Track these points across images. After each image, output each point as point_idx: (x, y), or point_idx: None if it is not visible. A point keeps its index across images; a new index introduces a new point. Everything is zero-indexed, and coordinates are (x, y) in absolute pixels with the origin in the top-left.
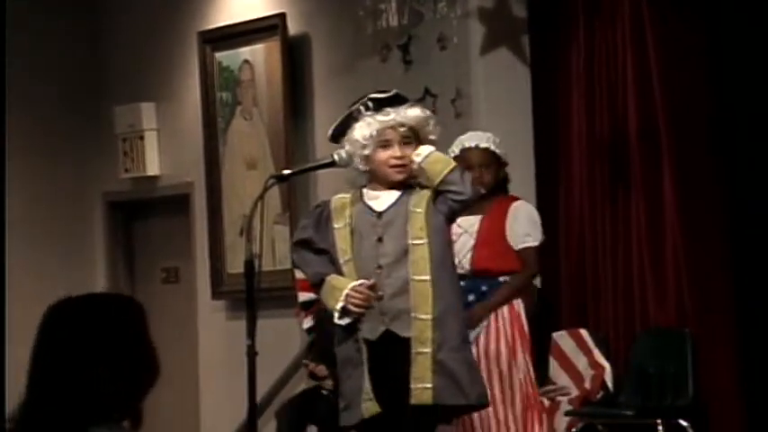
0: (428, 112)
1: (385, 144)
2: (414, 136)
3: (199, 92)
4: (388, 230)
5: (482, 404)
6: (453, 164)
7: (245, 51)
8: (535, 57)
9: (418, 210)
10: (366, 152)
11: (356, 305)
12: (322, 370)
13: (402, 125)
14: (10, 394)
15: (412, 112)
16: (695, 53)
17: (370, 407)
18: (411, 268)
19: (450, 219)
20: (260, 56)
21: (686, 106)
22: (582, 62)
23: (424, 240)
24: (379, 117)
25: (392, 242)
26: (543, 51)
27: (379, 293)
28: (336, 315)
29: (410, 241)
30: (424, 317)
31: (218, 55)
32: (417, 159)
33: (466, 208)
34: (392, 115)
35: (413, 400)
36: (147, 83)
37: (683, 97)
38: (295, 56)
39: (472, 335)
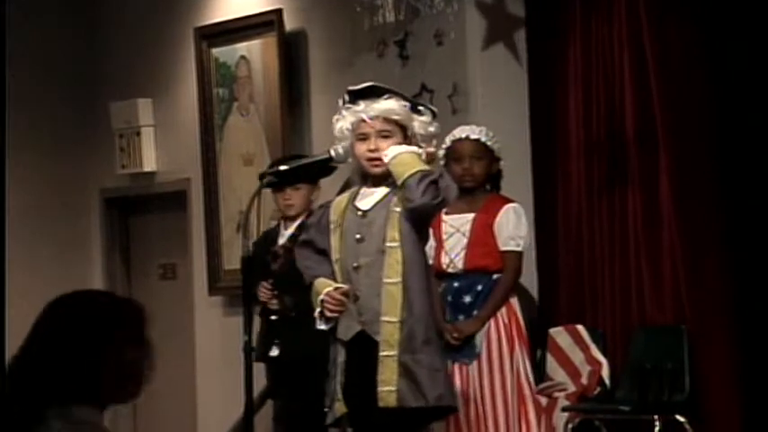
0: (404, 105)
1: (363, 137)
2: (397, 130)
3: (195, 88)
4: (370, 230)
5: (442, 407)
6: (416, 168)
7: (242, 47)
8: (532, 53)
9: (397, 209)
10: (346, 145)
11: (330, 311)
12: (265, 291)
13: (376, 118)
14: None
15: (383, 105)
16: (692, 50)
17: (338, 407)
18: (385, 271)
19: (412, 224)
20: (256, 52)
21: (683, 103)
22: (579, 58)
23: (398, 243)
24: (353, 110)
25: (372, 242)
26: (540, 47)
27: (356, 294)
28: (317, 321)
29: (387, 244)
30: (392, 320)
31: (215, 51)
32: (385, 160)
33: (420, 216)
34: (362, 107)
35: (380, 403)
36: (144, 79)
37: (680, 94)
38: (291, 52)
39: (475, 350)
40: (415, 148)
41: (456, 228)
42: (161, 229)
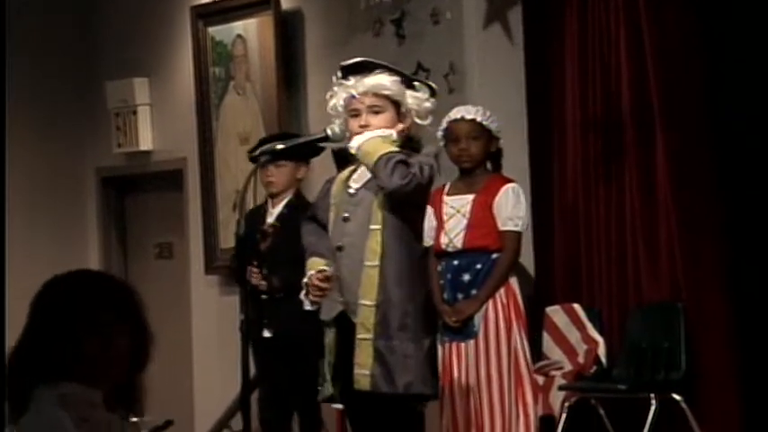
0: (397, 80)
1: (355, 114)
2: (389, 105)
3: (192, 67)
4: (356, 210)
5: (416, 394)
6: (380, 153)
7: (238, 26)
8: (529, 32)
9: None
10: (342, 123)
11: (314, 295)
12: (255, 274)
13: (366, 94)
14: None
15: (371, 80)
16: (689, 29)
17: (327, 387)
18: (366, 253)
19: (393, 209)
20: (253, 31)
21: (679, 82)
22: (575, 37)
23: (380, 226)
24: (344, 86)
25: (356, 223)
26: (537, 27)
27: (337, 275)
28: (304, 302)
29: (371, 225)
30: (368, 303)
31: (211, 30)
32: (352, 152)
33: (398, 198)
34: (351, 82)
35: (355, 386)
36: (140, 58)
37: (676, 73)
38: (288, 31)
39: (473, 329)
40: (379, 132)
41: (456, 209)
42: (157, 208)
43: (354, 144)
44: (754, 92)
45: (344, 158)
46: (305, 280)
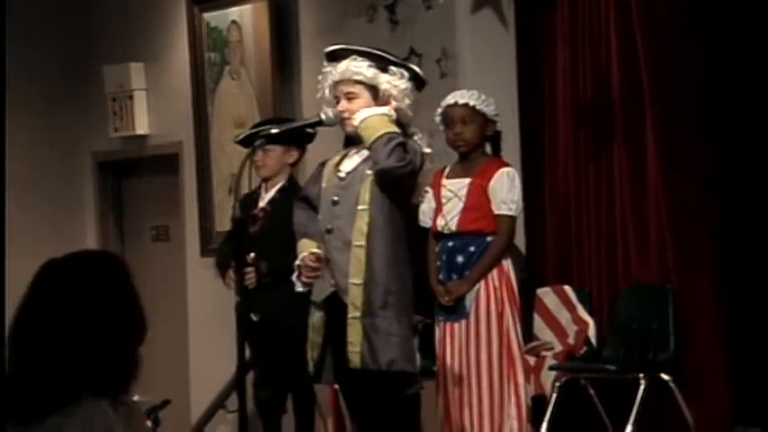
0: (370, 66)
1: (338, 100)
2: (363, 90)
3: (187, 52)
4: (345, 194)
5: (395, 372)
6: (382, 131)
7: (234, 12)
8: (520, 15)
9: (370, 172)
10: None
11: (306, 276)
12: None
13: (340, 81)
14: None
15: (341, 67)
16: (679, 11)
17: (312, 367)
18: (354, 233)
19: (382, 187)
20: (248, 16)
21: (670, 64)
22: (567, 20)
23: (367, 206)
24: (326, 73)
25: (345, 205)
26: (528, 11)
27: (327, 257)
28: (295, 283)
29: (358, 206)
30: (357, 282)
31: (207, 15)
32: (355, 123)
33: (387, 179)
34: (328, 69)
35: (350, 364)
36: (136, 43)
37: (667, 55)
38: (282, 16)
39: (465, 310)
40: (384, 110)
41: (454, 192)
42: (153, 191)
43: (359, 117)
44: (745, 75)
45: (353, 142)
46: (297, 262)
